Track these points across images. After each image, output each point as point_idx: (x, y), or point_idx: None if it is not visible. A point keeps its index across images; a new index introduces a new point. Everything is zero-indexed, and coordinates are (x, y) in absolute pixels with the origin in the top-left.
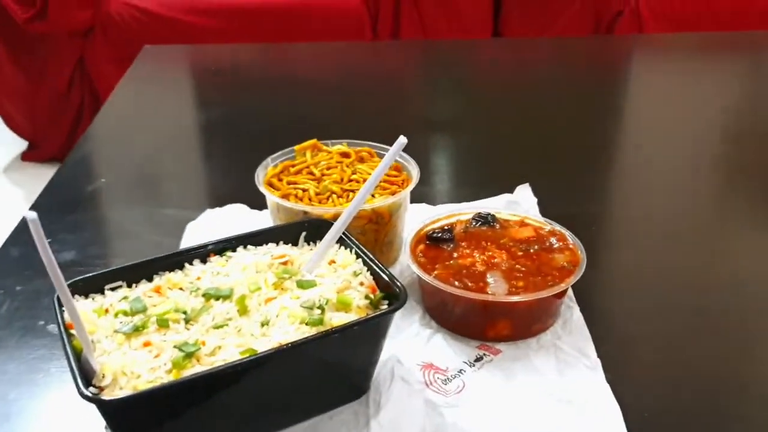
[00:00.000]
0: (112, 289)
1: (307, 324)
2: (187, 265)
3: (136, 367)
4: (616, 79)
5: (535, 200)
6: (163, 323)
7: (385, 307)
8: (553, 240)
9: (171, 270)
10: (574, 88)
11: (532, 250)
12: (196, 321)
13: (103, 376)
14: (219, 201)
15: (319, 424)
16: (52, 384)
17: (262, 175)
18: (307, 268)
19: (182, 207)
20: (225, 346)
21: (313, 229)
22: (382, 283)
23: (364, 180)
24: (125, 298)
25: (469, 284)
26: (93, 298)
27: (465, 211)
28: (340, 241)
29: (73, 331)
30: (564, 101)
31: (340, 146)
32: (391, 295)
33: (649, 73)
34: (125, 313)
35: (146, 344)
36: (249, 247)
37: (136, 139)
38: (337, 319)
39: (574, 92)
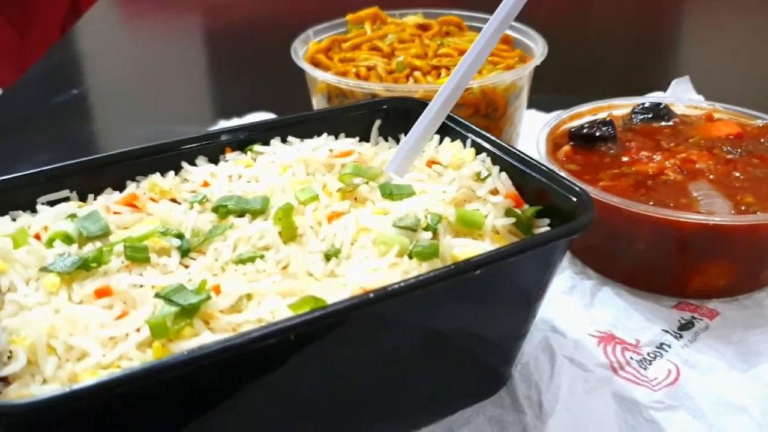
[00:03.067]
0: (52, 204)
1: (410, 257)
2: (185, 165)
3: (78, 336)
4: None
5: (700, 98)
6: (136, 255)
7: (546, 227)
8: (763, 140)
9: (161, 172)
10: None
11: (743, 153)
12: (201, 251)
13: (10, 356)
14: (235, 111)
15: None
16: None
17: (302, 50)
18: (393, 169)
19: (183, 121)
20: (259, 294)
21: (393, 114)
22: (531, 190)
23: (462, 54)
24: (72, 216)
25: (667, 201)
26: (12, 218)
27: (611, 103)
28: (444, 130)
29: None
30: None
31: (413, 16)
32: (552, 208)
33: None
34: (65, 239)
35: (101, 293)
36: (290, 139)
37: (121, 47)
38: (460, 248)
39: None
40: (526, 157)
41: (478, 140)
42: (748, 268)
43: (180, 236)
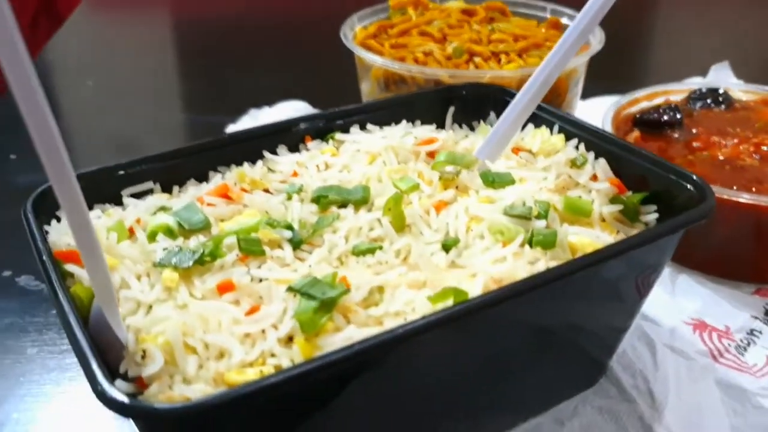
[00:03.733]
0: (136, 196)
1: (530, 245)
2: (266, 154)
3: (214, 334)
4: None
5: (740, 82)
6: (251, 247)
7: (654, 215)
8: None
9: (237, 163)
10: None
11: None
12: (311, 243)
13: (144, 357)
14: (265, 99)
15: None
16: (32, 377)
17: (350, 35)
18: (484, 156)
19: (210, 111)
20: (390, 286)
21: (470, 101)
22: (632, 176)
23: (516, 39)
24: (163, 209)
25: (749, 185)
26: (103, 211)
27: (667, 89)
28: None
29: (71, 268)
30: None
31: (455, 2)
32: (657, 194)
33: None
34: (168, 233)
35: (224, 288)
36: (369, 126)
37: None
38: (574, 237)
39: None
40: (624, 143)
41: (568, 126)
42: None
43: (288, 227)
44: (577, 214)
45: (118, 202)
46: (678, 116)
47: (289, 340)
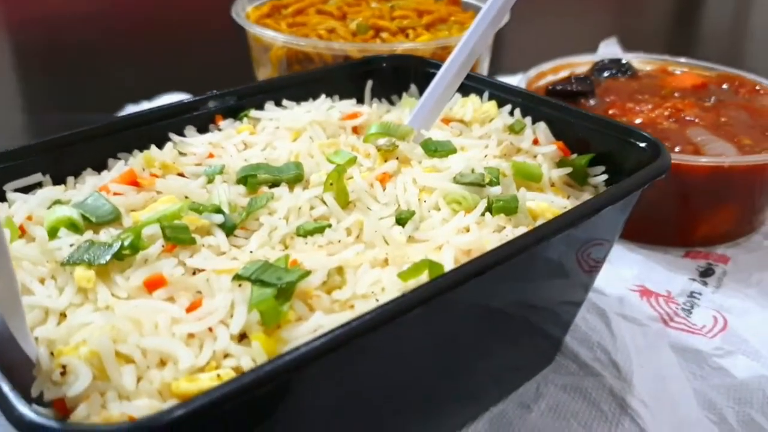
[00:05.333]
0: (22, 191)
1: (491, 212)
2: (173, 136)
3: (152, 338)
4: None
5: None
6: (179, 235)
7: (602, 177)
8: (725, 86)
9: (140, 148)
10: None
11: (716, 101)
12: (247, 227)
13: (63, 373)
14: (143, 93)
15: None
16: None
17: (242, 15)
18: (417, 126)
19: (84, 109)
20: (350, 266)
21: (389, 74)
22: (574, 139)
23: (421, 14)
24: (59, 202)
25: (673, 148)
26: None
27: (571, 62)
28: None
29: None
30: None
31: None
32: (604, 155)
33: None
34: (72, 228)
35: (153, 284)
36: (285, 103)
37: None
38: (532, 202)
39: None
40: (563, 105)
41: (499, 93)
42: (748, 212)
43: (218, 211)
44: (527, 179)
45: (1, 198)
46: (590, 85)
47: (243, 338)
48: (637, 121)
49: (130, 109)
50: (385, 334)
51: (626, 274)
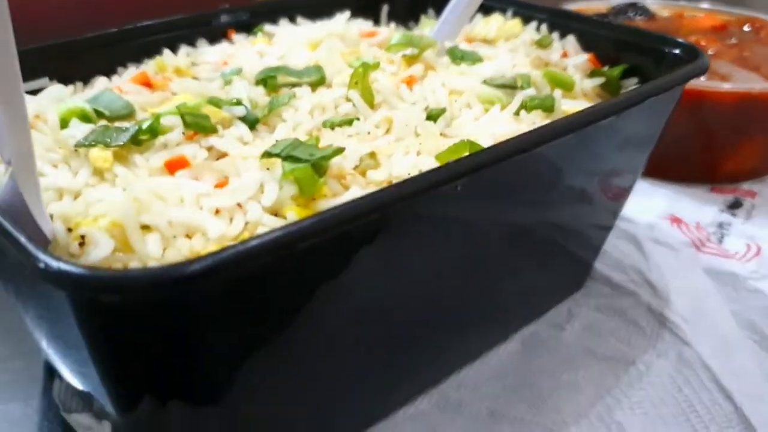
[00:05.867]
0: (32, 93)
1: (527, 110)
2: (182, 47)
3: (180, 209)
4: None
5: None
6: (200, 122)
7: (635, 86)
8: (747, 28)
9: (150, 57)
10: None
11: (737, 41)
12: (270, 124)
13: (82, 243)
14: None
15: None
16: None
17: None
18: (441, 38)
19: None
20: (384, 154)
21: None
22: (605, 51)
23: None
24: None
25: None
26: None
27: (593, 6)
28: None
29: None
30: None
31: None
32: (637, 67)
33: None
34: (84, 119)
35: (175, 165)
36: (299, 20)
37: None
38: (567, 107)
39: None
40: (591, 18)
41: (523, 10)
42: None
43: (239, 102)
44: (559, 87)
45: None
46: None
47: (274, 215)
48: None
49: None
50: (424, 201)
51: (655, 206)
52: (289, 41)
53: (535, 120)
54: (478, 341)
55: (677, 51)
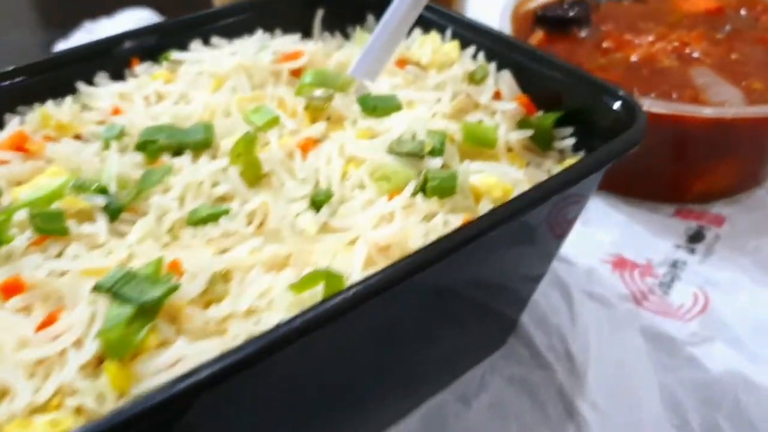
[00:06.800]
0: None
1: (424, 193)
2: (80, 86)
3: None
4: None
5: None
6: (49, 225)
7: (570, 140)
8: (751, 12)
9: (42, 99)
10: None
11: (731, 30)
12: (134, 210)
13: None
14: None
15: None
16: None
17: None
18: (362, 73)
19: (33, 26)
20: (239, 270)
21: (342, 2)
22: (543, 91)
23: None
24: None
25: (670, 92)
26: None
27: None
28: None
29: None
30: None
31: None
32: (574, 113)
33: None
34: None
35: (10, 289)
36: (215, 41)
37: None
38: (478, 176)
39: None
40: (532, 50)
41: (462, 31)
42: (752, 165)
43: (103, 190)
44: (479, 145)
45: None
46: (586, 11)
47: (99, 363)
48: (634, 58)
49: (88, 26)
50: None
51: (603, 238)
52: (193, 75)
53: (432, 207)
54: (377, 420)
55: (616, 107)
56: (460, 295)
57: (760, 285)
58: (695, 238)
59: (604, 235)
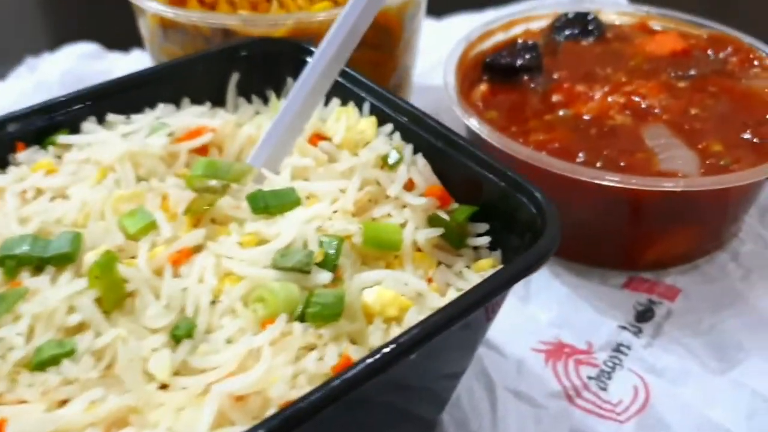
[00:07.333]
0: None
1: (302, 320)
2: None
3: None
4: None
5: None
6: None
7: (485, 239)
8: (720, 54)
9: None
10: None
11: (696, 76)
12: None
13: None
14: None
15: None
16: None
17: None
18: (262, 161)
19: None
20: (72, 428)
21: (259, 63)
22: (458, 178)
23: None
24: None
25: (619, 158)
26: None
27: (529, 14)
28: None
29: None
30: None
31: None
32: (493, 205)
33: None
34: None
35: None
36: (110, 118)
37: None
38: (373, 293)
39: None
40: (450, 136)
41: (382, 105)
42: (711, 231)
43: None
44: (381, 248)
45: None
46: (536, 58)
47: None
48: (586, 117)
49: (31, 62)
50: None
51: (542, 317)
52: (77, 165)
53: (309, 338)
54: None
55: (532, 209)
56: (368, 410)
57: (709, 372)
58: (643, 316)
59: (542, 313)
